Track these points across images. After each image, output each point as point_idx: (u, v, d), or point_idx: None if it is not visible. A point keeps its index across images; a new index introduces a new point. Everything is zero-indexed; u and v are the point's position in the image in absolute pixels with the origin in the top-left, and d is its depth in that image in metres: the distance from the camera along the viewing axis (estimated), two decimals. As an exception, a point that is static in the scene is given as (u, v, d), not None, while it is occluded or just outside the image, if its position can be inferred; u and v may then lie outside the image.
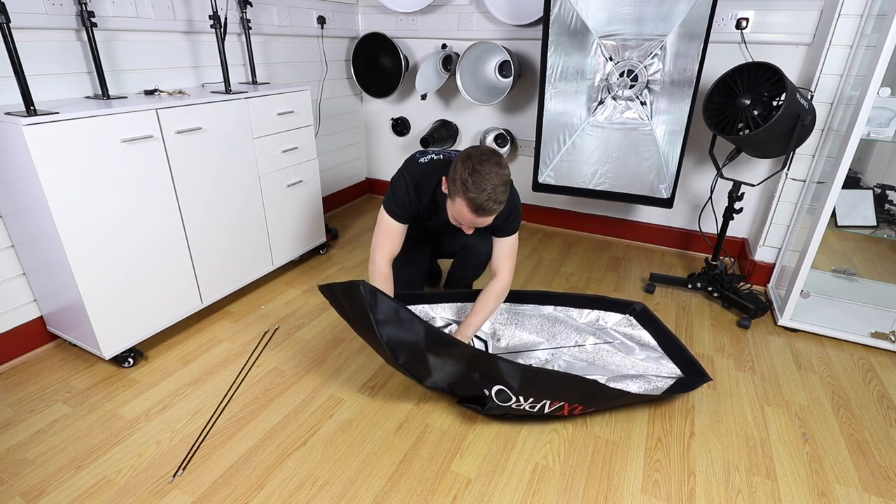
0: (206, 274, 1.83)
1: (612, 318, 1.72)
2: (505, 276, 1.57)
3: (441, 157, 1.53)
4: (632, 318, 1.69)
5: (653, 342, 1.64)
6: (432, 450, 1.34)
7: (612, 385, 1.44)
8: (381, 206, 1.53)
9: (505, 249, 1.58)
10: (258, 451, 1.32)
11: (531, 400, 1.33)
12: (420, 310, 1.67)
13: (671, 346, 1.60)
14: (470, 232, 1.45)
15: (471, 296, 1.73)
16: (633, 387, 1.45)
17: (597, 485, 1.25)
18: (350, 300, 1.33)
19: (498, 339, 1.68)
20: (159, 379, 1.58)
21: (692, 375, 1.51)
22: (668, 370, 1.55)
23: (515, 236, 1.58)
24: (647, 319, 1.68)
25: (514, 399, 1.32)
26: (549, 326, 1.69)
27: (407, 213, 1.51)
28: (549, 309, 1.76)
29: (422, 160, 1.53)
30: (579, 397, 1.35)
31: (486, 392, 1.33)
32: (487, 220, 1.36)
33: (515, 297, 1.76)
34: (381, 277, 1.52)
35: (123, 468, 1.26)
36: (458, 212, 1.35)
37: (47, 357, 1.67)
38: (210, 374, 1.61)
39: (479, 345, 1.66)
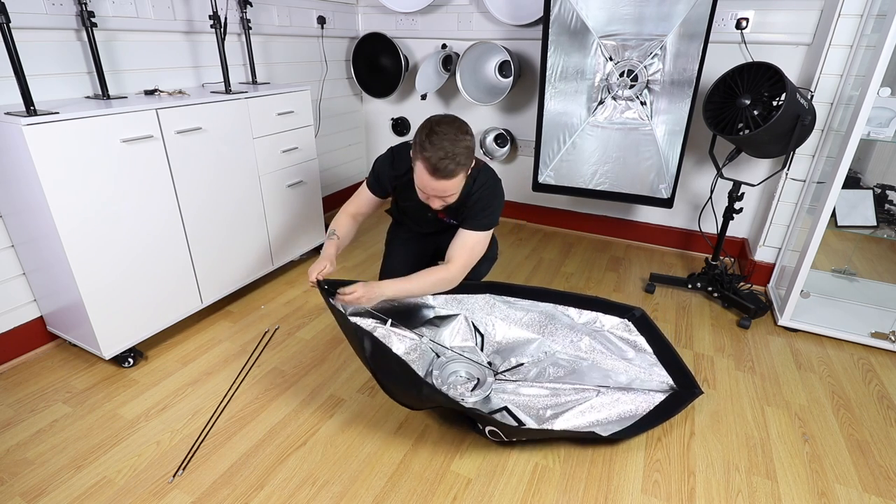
0: (206, 274, 1.83)
1: (609, 321, 1.71)
2: (456, 267, 1.46)
3: None
4: (630, 323, 1.68)
5: (648, 349, 1.63)
6: (432, 450, 1.34)
7: (604, 396, 1.44)
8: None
9: (465, 240, 1.47)
10: (258, 451, 1.32)
11: (524, 440, 1.36)
12: (415, 302, 1.66)
13: (666, 354, 1.58)
14: (436, 206, 1.39)
15: (467, 288, 1.72)
16: (625, 399, 1.44)
17: (597, 485, 1.25)
18: (344, 328, 1.32)
19: (494, 331, 1.68)
20: (159, 379, 1.58)
21: (683, 387, 1.49)
22: (659, 380, 1.53)
23: (482, 235, 1.47)
24: (644, 326, 1.66)
25: (506, 441, 1.34)
26: (545, 323, 1.69)
27: (380, 184, 1.55)
28: (546, 306, 1.75)
29: (410, 142, 1.53)
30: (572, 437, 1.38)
31: (480, 426, 1.35)
32: (447, 186, 1.30)
33: (513, 291, 1.74)
34: (338, 225, 1.57)
35: (123, 468, 1.26)
36: (419, 178, 1.32)
37: (47, 357, 1.67)
38: (210, 374, 1.61)
39: (476, 338, 1.66)
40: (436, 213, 1.58)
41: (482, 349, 1.64)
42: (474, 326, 1.66)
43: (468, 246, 1.48)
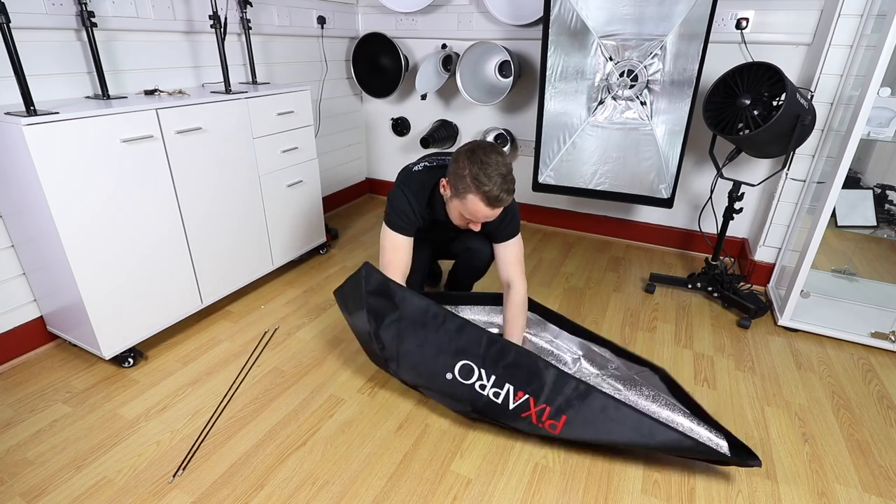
0: (206, 274, 1.83)
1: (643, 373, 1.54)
2: (520, 285, 1.52)
3: (434, 163, 1.51)
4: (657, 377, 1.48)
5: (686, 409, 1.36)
6: (432, 450, 1.34)
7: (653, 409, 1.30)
8: (383, 225, 1.47)
9: (511, 256, 1.52)
10: (258, 451, 1.32)
11: (493, 379, 1.29)
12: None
13: (711, 421, 1.31)
14: (477, 229, 1.43)
15: (475, 298, 1.72)
16: (674, 423, 1.26)
17: (597, 485, 1.25)
18: (353, 290, 1.40)
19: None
20: (159, 379, 1.58)
21: (740, 455, 1.23)
22: (710, 436, 1.27)
23: (518, 238, 1.54)
24: (672, 385, 1.43)
25: (476, 374, 1.29)
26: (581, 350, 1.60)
27: (411, 223, 1.47)
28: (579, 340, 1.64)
29: (415, 169, 1.50)
30: (542, 388, 1.27)
31: (450, 376, 1.32)
32: (498, 213, 1.36)
33: (548, 315, 1.67)
34: None
35: (123, 468, 1.26)
36: (471, 209, 1.33)
37: (47, 357, 1.67)
38: (210, 374, 1.61)
39: None
40: (457, 227, 1.58)
41: None
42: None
43: (516, 258, 1.54)
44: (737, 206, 2.00)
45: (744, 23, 2.08)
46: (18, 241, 1.55)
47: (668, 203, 2.15)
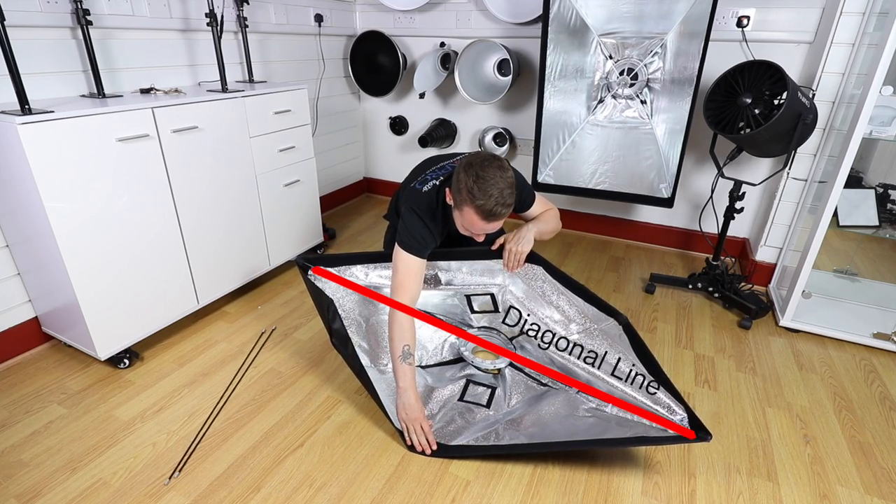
0: (203, 274, 1.82)
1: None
2: (551, 206, 1.61)
3: (440, 178, 1.45)
4: (622, 332, 1.48)
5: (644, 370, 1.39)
6: (431, 451, 1.33)
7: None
8: (396, 247, 1.40)
9: (538, 208, 1.58)
10: (255, 453, 1.31)
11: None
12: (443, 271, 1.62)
13: (666, 382, 1.34)
14: (481, 240, 1.40)
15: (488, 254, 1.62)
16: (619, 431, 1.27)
17: (597, 486, 1.24)
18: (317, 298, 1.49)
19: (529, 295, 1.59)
20: (155, 380, 1.57)
21: (695, 426, 1.26)
22: (667, 402, 1.30)
23: (539, 198, 1.58)
24: (634, 339, 1.44)
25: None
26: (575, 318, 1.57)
27: (426, 245, 1.41)
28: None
29: (424, 190, 1.44)
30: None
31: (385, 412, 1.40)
32: (498, 225, 1.32)
33: (558, 274, 1.59)
34: (407, 332, 1.37)
35: (119, 470, 1.25)
36: (468, 221, 1.31)
37: (42, 358, 1.66)
38: (206, 376, 1.60)
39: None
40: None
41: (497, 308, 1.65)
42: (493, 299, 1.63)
43: (541, 207, 1.59)
44: (738, 205, 1.99)
45: (745, 21, 2.07)
46: (13, 241, 1.53)
47: (668, 203, 2.14)
